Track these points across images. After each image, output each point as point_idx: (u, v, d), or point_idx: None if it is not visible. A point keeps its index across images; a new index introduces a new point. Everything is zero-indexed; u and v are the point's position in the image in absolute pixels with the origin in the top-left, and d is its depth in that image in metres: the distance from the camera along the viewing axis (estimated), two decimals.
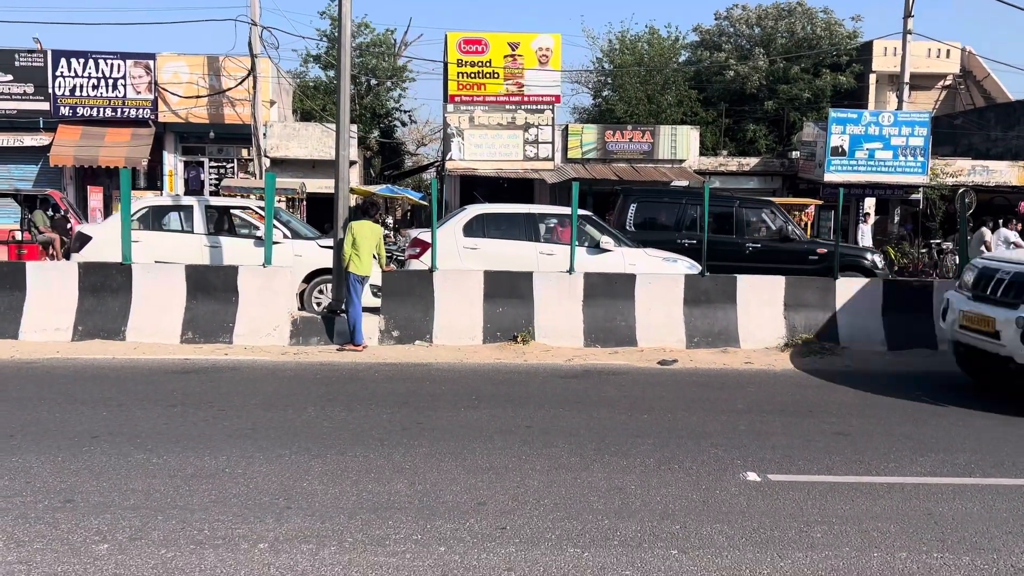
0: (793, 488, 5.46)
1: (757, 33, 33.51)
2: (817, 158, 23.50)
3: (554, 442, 6.33)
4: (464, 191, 24.33)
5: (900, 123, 22.76)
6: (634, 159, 24.45)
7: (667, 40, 33.99)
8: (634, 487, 5.39)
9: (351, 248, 9.99)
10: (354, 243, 9.97)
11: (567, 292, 10.69)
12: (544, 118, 24.09)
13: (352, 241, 9.98)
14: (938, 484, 5.63)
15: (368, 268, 10.07)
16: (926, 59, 30.88)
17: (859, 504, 5.21)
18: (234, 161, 24.37)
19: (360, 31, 33.17)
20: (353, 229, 10.04)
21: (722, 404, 7.85)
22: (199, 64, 23.30)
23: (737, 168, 25.77)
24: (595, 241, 12.41)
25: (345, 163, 11.18)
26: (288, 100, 28.28)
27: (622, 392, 8.29)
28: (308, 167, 23.91)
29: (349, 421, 6.83)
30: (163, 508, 4.83)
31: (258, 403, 7.38)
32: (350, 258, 10.00)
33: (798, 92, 30.88)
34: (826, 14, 32.86)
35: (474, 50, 24.04)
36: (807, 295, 10.97)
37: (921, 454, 6.30)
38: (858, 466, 5.98)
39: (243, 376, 8.56)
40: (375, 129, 34.53)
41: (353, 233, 10.02)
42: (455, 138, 23.87)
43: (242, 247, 12.05)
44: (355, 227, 10.06)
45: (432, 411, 7.23)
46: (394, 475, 5.50)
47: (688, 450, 6.22)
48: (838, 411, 7.68)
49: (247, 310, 10.22)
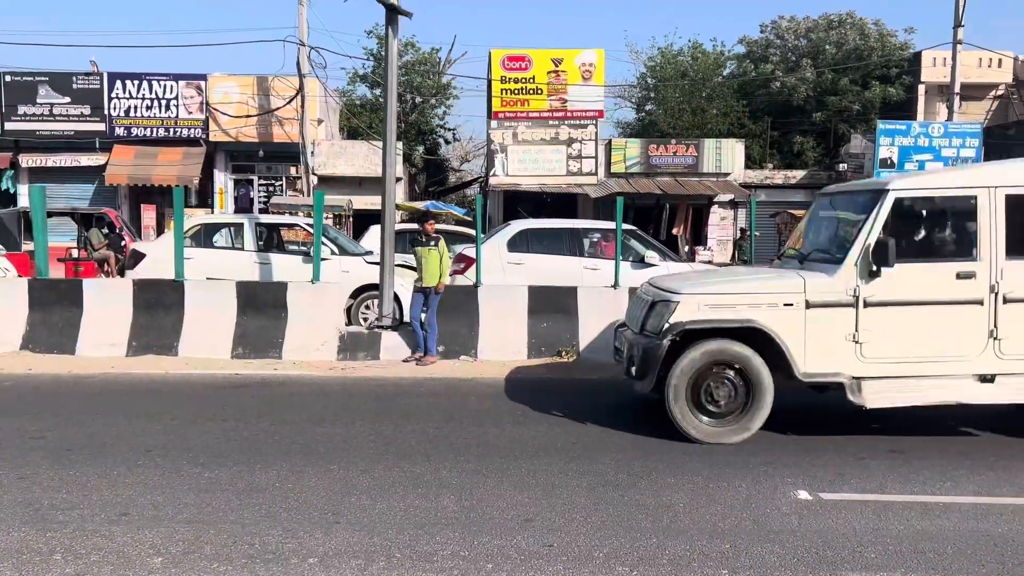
0: (846, 507, 5.36)
1: (804, 44, 33.15)
2: (865, 170, 23.15)
3: (600, 458, 6.30)
4: (508, 207, 24.42)
5: (951, 134, 22.35)
6: (678, 173, 24.31)
7: (711, 55, 33.81)
8: (682, 505, 5.34)
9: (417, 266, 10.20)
10: (419, 261, 10.11)
11: (612, 307, 10.63)
12: (587, 133, 24.09)
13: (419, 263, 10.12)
14: (996, 504, 5.48)
15: (435, 278, 10.05)
16: (977, 69, 30.22)
17: (914, 523, 5.10)
18: (283, 179, 24.76)
19: (406, 50, 33.56)
20: (419, 253, 10.13)
21: (772, 421, 7.71)
22: (249, 84, 23.77)
23: (783, 181, 25.49)
24: (640, 256, 12.38)
25: (392, 180, 11.32)
26: (335, 118, 28.69)
27: None
28: (355, 184, 24.19)
29: (396, 436, 6.87)
30: (215, 522, 4.91)
31: (307, 418, 7.47)
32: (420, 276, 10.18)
33: (847, 104, 30.46)
34: (877, 25, 32.40)
35: (517, 67, 24.17)
36: None
37: (978, 472, 6.14)
38: (913, 484, 5.85)
39: (292, 391, 8.67)
40: (420, 146, 34.86)
41: (420, 256, 10.11)
42: (499, 154, 23.98)
43: (291, 264, 12.24)
44: (420, 252, 10.13)
45: (478, 427, 7.25)
46: (441, 490, 5.52)
47: (737, 467, 6.14)
48: (890, 427, 7.51)
49: (296, 326, 10.35)
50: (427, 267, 9.96)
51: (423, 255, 10.00)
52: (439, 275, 10.04)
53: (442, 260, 10.09)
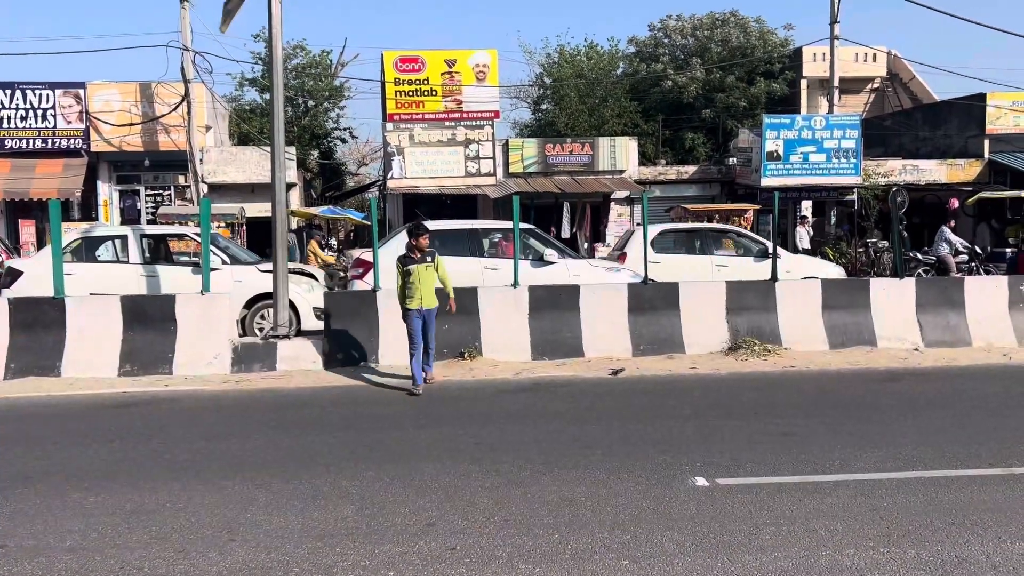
0: (741, 491, 5.49)
1: (692, 43, 34.04)
2: (753, 164, 23.91)
3: (503, 458, 6.29)
4: (407, 209, 24.21)
5: (832, 126, 23.27)
6: (575, 171, 24.59)
7: (606, 55, 34.35)
8: (584, 499, 5.37)
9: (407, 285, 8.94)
10: (412, 281, 8.88)
11: (513, 306, 10.67)
12: (484, 134, 24.11)
13: (408, 280, 8.90)
14: (882, 479, 5.71)
15: (436, 298, 9.09)
16: (854, 63, 31.71)
17: (806, 503, 5.26)
18: (171, 188, 23.92)
19: (295, 53, 32.90)
20: (413, 273, 8.88)
21: (669, 410, 7.89)
22: (131, 91, 22.83)
23: (676, 176, 26.08)
24: (539, 254, 12.45)
25: (282, 186, 11.06)
26: (224, 124, 27.87)
27: (570, 403, 8.29)
28: (247, 191, 23.56)
29: (294, 448, 6.70)
30: (101, 548, 4.67)
31: (200, 434, 7.20)
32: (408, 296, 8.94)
33: (734, 100, 31.45)
34: (759, 23, 33.56)
35: (411, 68, 24.00)
36: (748, 298, 11.11)
37: (865, 450, 6.40)
38: (805, 465, 6.05)
39: (184, 407, 8.35)
40: (314, 150, 34.24)
41: (414, 276, 8.88)
42: (396, 157, 23.76)
43: (180, 275, 11.82)
44: (414, 271, 8.88)
45: (379, 433, 7.14)
46: (341, 501, 5.40)
47: (637, 458, 6.23)
48: (783, 412, 7.77)
49: (186, 339, 9.99)
50: (424, 287, 8.87)
51: (418, 274, 8.84)
52: (446, 293, 9.19)
53: (443, 277, 9.14)
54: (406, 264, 8.92)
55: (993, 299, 11.33)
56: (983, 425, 7.17)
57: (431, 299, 9.01)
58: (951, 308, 11.25)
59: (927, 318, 11.17)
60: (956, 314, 11.22)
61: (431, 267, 8.97)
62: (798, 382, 9.22)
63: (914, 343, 10.98)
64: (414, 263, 8.89)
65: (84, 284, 11.25)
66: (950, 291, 11.40)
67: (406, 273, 8.90)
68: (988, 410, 7.78)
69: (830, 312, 11.09)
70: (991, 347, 10.94)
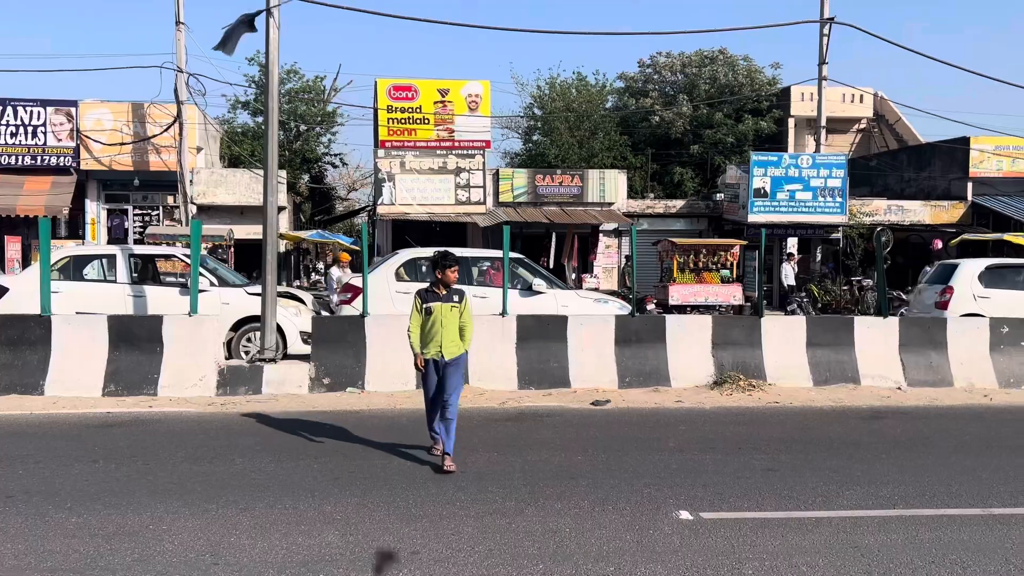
0: (725, 525, 5.52)
1: (681, 80, 34.48)
2: (740, 200, 24.15)
3: (488, 487, 6.29)
4: (396, 235, 24.29)
5: (818, 165, 23.56)
6: (564, 202, 24.76)
7: (595, 87, 34.73)
8: (569, 530, 5.38)
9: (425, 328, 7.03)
10: (433, 323, 6.98)
11: (500, 335, 10.70)
12: (475, 163, 24.27)
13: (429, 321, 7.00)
14: (864, 517, 5.76)
15: (458, 346, 7.07)
16: (841, 104, 32.18)
17: (789, 539, 5.29)
18: (159, 208, 23.90)
19: (289, 77, 33.10)
20: (434, 312, 6.97)
21: (654, 443, 7.92)
22: (123, 111, 22.88)
23: (664, 210, 26.30)
24: (528, 284, 12.52)
25: (274, 210, 11.10)
26: (215, 146, 27.94)
27: (556, 434, 8.31)
28: (236, 213, 23.58)
29: (279, 472, 6.68)
30: (82, 569, 4.64)
31: (184, 456, 7.17)
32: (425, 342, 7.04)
33: (722, 137, 31.81)
34: (747, 61, 34.04)
35: (404, 96, 24.18)
36: (734, 333, 11.19)
37: (847, 487, 6.44)
38: (788, 501, 6.09)
39: (168, 429, 8.31)
40: (305, 174, 34.32)
41: (434, 316, 6.98)
42: (386, 183, 23.86)
43: (167, 296, 11.80)
44: (436, 309, 6.97)
45: (364, 459, 7.13)
46: (325, 526, 5.39)
47: (622, 491, 6.25)
48: (767, 447, 7.81)
49: (172, 360, 9.96)
50: (447, 332, 6.96)
51: (440, 316, 6.95)
52: (463, 340, 7.11)
53: (466, 323, 7.11)
54: (427, 301, 6.99)
55: (975, 340, 11.46)
56: (964, 465, 7.23)
57: (453, 347, 7.00)
58: (933, 348, 11.37)
59: (910, 357, 11.27)
60: (938, 354, 11.33)
61: (457, 308, 7.04)
62: (782, 418, 9.27)
63: (897, 382, 11.07)
64: (438, 300, 6.97)
65: (71, 302, 11.21)
66: (933, 331, 11.52)
67: (426, 312, 6.98)
68: (969, 451, 7.85)
69: (814, 349, 11.18)
70: (972, 388, 11.05)
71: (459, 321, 7.06)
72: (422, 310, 7.02)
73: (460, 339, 7.07)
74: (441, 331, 6.96)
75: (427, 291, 7.09)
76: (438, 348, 6.97)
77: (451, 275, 7.05)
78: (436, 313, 6.95)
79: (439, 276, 7.05)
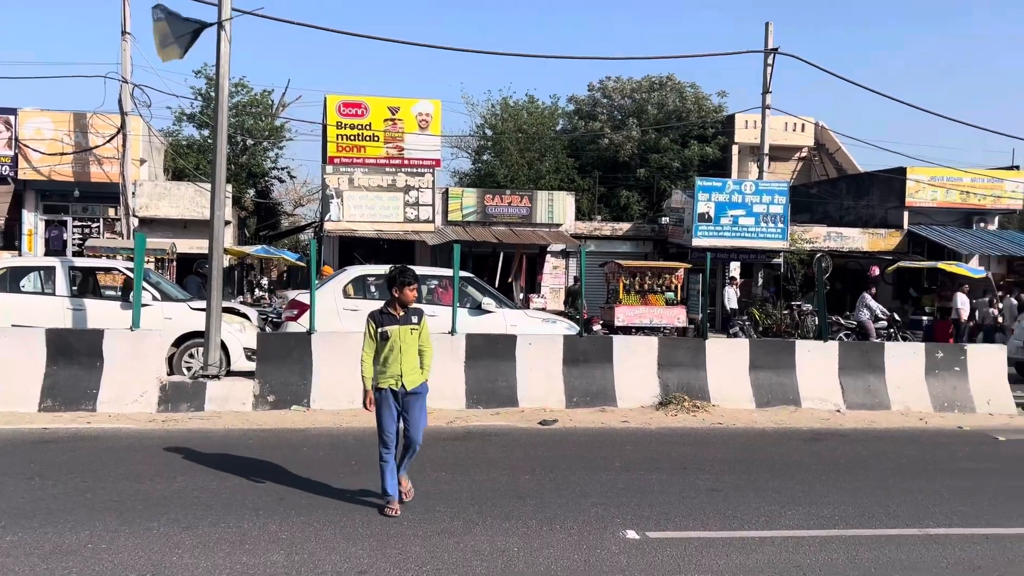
0: (670, 545, 5.58)
1: (629, 104, 35.02)
2: (685, 224, 24.54)
3: (436, 506, 6.27)
4: (343, 252, 24.12)
5: (761, 191, 24.09)
6: (513, 223, 24.88)
7: (546, 109, 35.05)
8: (517, 549, 5.39)
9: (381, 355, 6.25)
10: (390, 349, 6.21)
11: (449, 353, 10.68)
12: (425, 181, 24.27)
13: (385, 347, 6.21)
14: (806, 536, 5.87)
15: (418, 373, 6.31)
16: (784, 132, 33.01)
17: (733, 558, 5.38)
18: (100, 221, 23.39)
19: (237, 90, 32.70)
20: (392, 336, 6.19)
21: (601, 463, 7.98)
22: (64, 120, 22.38)
23: (611, 233, 26.60)
24: (477, 302, 12.53)
25: (220, 224, 10.95)
26: (160, 159, 27.46)
27: (504, 453, 8.31)
28: (180, 227, 23.19)
29: (222, 491, 6.56)
30: None
31: (123, 473, 7.00)
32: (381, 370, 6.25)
33: (668, 161, 32.35)
34: (694, 89, 34.73)
35: (354, 113, 24.11)
36: (679, 354, 11.35)
37: (789, 507, 6.57)
38: (731, 521, 6.18)
39: (107, 445, 8.11)
40: (251, 189, 33.91)
41: (392, 339, 6.19)
42: (334, 199, 23.72)
43: (108, 310, 11.56)
44: (393, 333, 6.19)
45: (309, 478, 7.04)
46: (270, 545, 5.31)
47: (569, 510, 6.28)
48: (711, 467, 7.93)
49: (113, 375, 9.73)
50: (406, 358, 6.22)
51: (399, 340, 6.19)
52: (422, 368, 6.36)
53: (424, 344, 6.37)
54: (383, 324, 6.23)
55: (911, 365, 11.79)
56: (901, 487, 7.43)
57: (414, 374, 6.26)
58: (871, 372, 11.66)
59: (849, 381, 11.55)
60: (876, 378, 11.63)
61: (416, 330, 6.30)
62: (726, 439, 9.42)
63: (836, 405, 11.33)
64: (395, 323, 6.22)
65: (7, 315, 10.91)
66: (871, 356, 11.83)
67: (382, 337, 6.21)
68: (906, 473, 8.07)
69: (757, 372, 11.39)
70: (909, 411, 11.36)
71: (418, 344, 6.31)
72: (376, 335, 6.21)
73: (420, 366, 6.34)
74: (400, 357, 6.18)
75: (381, 313, 6.28)
76: (397, 377, 6.18)
77: (409, 294, 6.25)
78: (394, 338, 6.17)
79: (396, 295, 6.24)
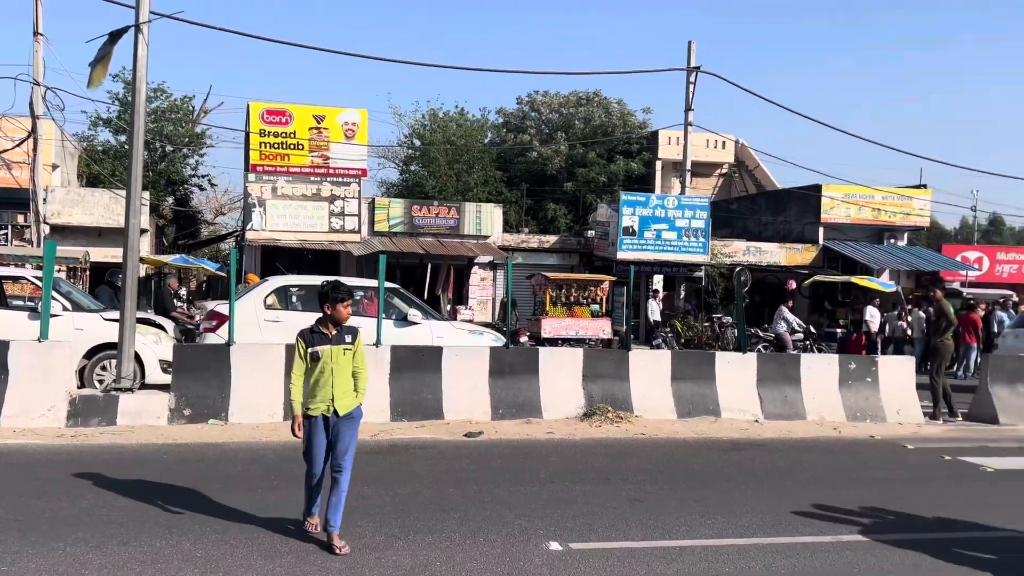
0: (593, 555, 5.60)
1: (557, 118, 35.38)
2: (610, 237, 24.86)
3: (358, 521, 6.15)
4: (266, 262, 23.66)
5: (683, 206, 24.57)
6: (440, 234, 24.81)
7: (475, 121, 35.13)
8: (439, 563, 5.33)
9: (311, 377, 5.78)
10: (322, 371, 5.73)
11: (373, 366, 10.49)
12: (350, 191, 24.02)
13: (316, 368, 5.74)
14: (725, 545, 5.96)
15: (351, 397, 5.83)
16: (705, 149, 33.80)
17: (655, 568, 5.42)
18: (8, 228, 22.46)
19: (156, 95, 31.90)
20: (323, 356, 5.71)
21: (526, 475, 7.97)
22: None
23: (538, 245, 26.77)
24: (403, 314, 12.41)
25: (136, 232, 10.62)
26: (73, 164, 26.56)
27: (428, 466, 8.24)
28: (94, 235, 22.44)
29: (133, 508, 6.33)
30: None
31: (28, 491, 6.69)
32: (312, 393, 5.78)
33: (594, 176, 32.77)
34: (620, 105, 35.29)
35: (278, 121, 23.73)
36: (603, 366, 11.44)
37: (709, 517, 6.67)
38: (653, 531, 6.24)
39: (11, 461, 7.75)
40: (169, 196, 33.04)
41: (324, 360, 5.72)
42: (256, 208, 23.27)
43: (15, 320, 11.07)
44: (325, 353, 5.72)
45: (226, 494, 6.84)
46: (184, 564, 5.14)
47: (493, 522, 6.25)
48: (634, 478, 8.00)
49: (18, 389, 9.31)
50: (339, 380, 5.75)
51: (331, 360, 5.72)
52: (356, 391, 5.88)
53: (359, 366, 5.90)
54: (313, 344, 5.74)
55: (825, 376, 12.13)
56: (817, 495, 7.60)
57: (347, 398, 5.78)
58: (788, 383, 11.96)
59: (767, 392, 11.82)
60: (793, 389, 11.93)
61: (350, 350, 5.82)
62: (648, 449, 9.52)
63: (755, 415, 11.58)
64: (327, 343, 5.74)
65: None
66: (788, 367, 12.14)
67: (312, 358, 5.74)
68: (821, 482, 8.28)
69: (679, 383, 11.56)
70: (823, 421, 11.67)
71: (352, 365, 5.83)
72: (307, 356, 5.73)
73: (354, 389, 5.88)
74: (332, 380, 5.70)
75: (312, 331, 5.79)
76: (328, 402, 5.70)
77: (343, 311, 5.78)
78: (325, 358, 5.69)
79: (328, 312, 5.77)
